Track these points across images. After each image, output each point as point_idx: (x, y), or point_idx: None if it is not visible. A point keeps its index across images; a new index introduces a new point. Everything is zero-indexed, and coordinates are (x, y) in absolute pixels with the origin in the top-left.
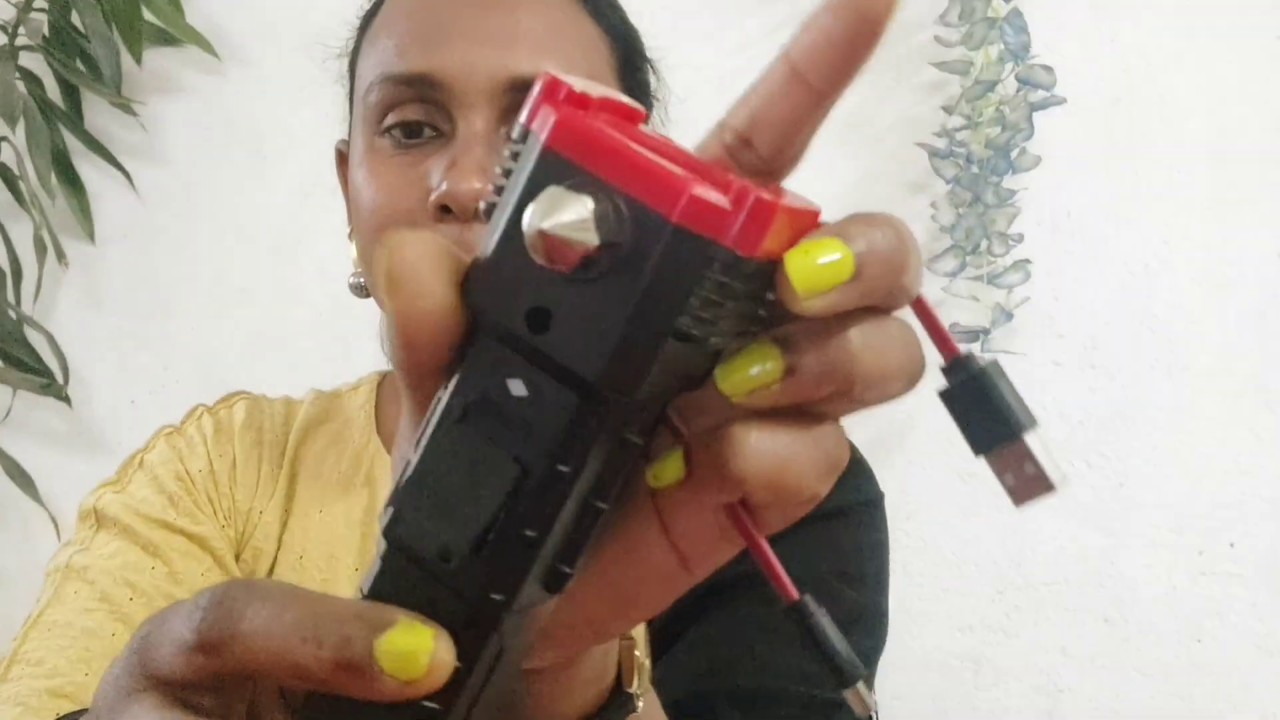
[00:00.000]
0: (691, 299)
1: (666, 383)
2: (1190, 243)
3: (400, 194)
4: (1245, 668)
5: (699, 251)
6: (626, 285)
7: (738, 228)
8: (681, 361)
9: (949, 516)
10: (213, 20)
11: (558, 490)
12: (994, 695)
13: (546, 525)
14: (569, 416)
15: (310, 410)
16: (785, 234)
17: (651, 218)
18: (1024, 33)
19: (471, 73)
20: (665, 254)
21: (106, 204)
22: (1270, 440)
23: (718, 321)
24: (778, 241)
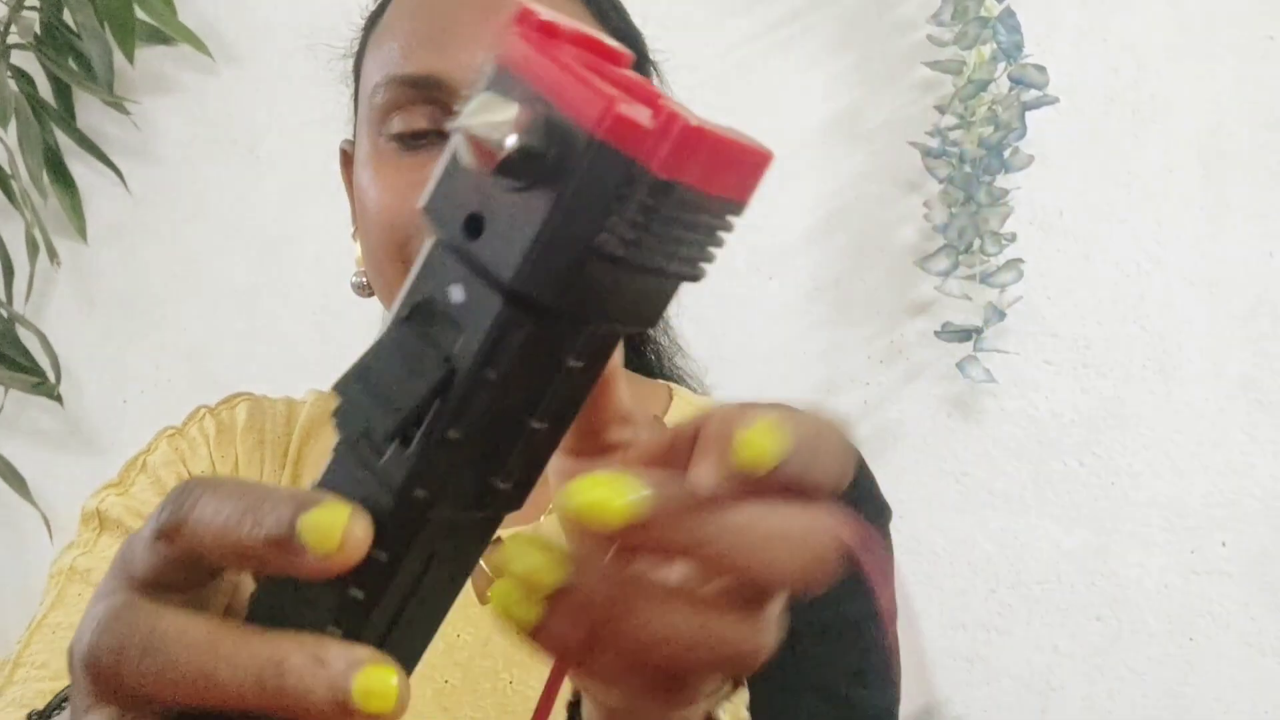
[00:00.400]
0: (612, 216)
1: (602, 307)
2: (1182, 242)
3: (405, 195)
4: (1237, 666)
5: (619, 168)
6: (547, 195)
7: (661, 149)
8: (614, 285)
9: (942, 516)
10: (206, 19)
11: (482, 395)
12: (987, 693)
13: (469, 428)
14: (493, 321)
15: (312, 411)
16: (716, 165)
17: (576, 131)
18: (1017, 32)
19: (477, 74)
20: (586, 167)
21: (99, 203)
22: (1262, 439)
23: (642, 244)
24: (705, 171)
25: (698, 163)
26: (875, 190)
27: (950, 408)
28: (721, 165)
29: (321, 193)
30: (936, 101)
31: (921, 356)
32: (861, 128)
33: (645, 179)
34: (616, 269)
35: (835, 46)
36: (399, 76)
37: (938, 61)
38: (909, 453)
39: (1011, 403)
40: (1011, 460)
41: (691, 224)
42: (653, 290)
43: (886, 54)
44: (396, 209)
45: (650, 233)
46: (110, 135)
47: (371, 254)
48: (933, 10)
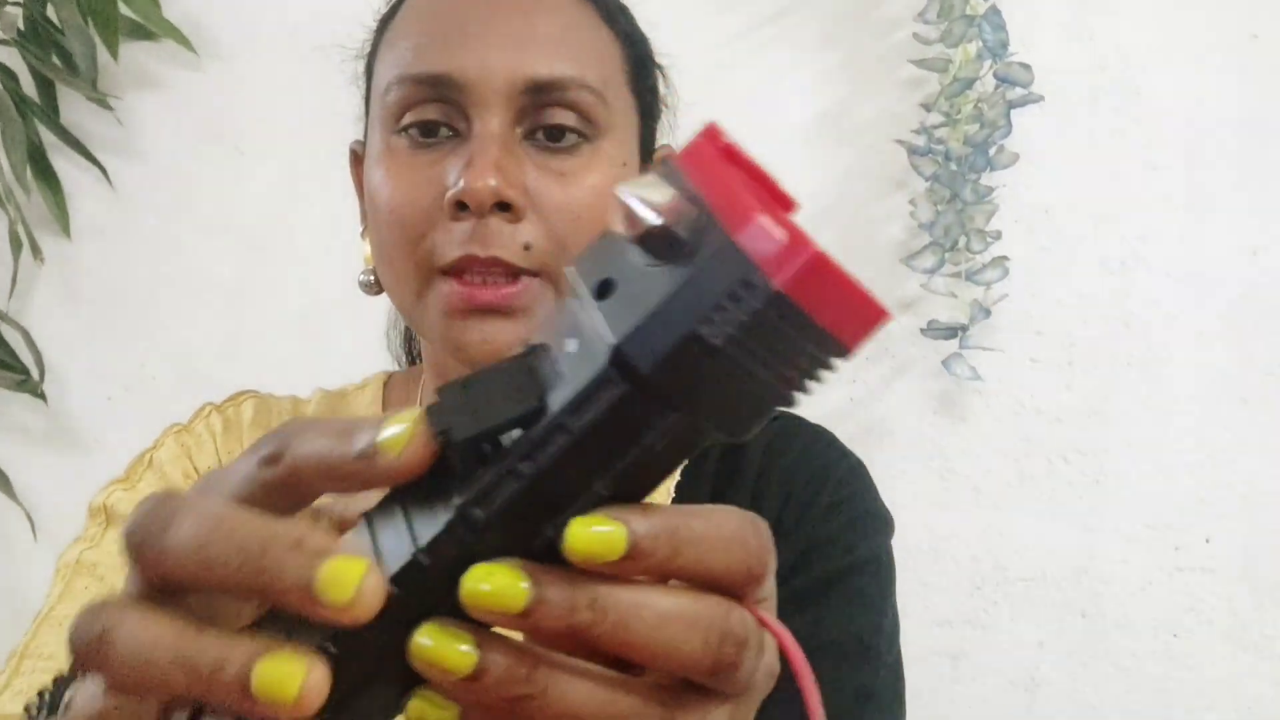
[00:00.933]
0: (723, 309)
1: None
2: (1167, 240)
3: (417, 192)
4: (1221, 662)
5: (741, 268)
6: (673, 275)
7: (785, 265)
8: (709, 377)
9: (926, 512)
10: (190, 15)
11: (559, 439)
12: (972, 689)
13: (539, 467)
14: (592, 374)
15: (317, 409)
16: (833, 299)
17: (715, 229)
18: (1002, 30)
19: (489, 74)
20: (713, 259)
21: (82, 200)
22: (1246, 436)
23: (743, 345)
24: (821, 301)
25: (815, 290)
26: (861, 188)
27: (936, 405)
28: (837, 302)
29: (307, 189)
30: (922, 99)
31: (907, 354)
32: (847, 125)
33: (762, 285)
34: (714, 362)
35: (821, 44)
36: (412, 75)
37: (923, 59)
38: (894, 450)
39: (997, 400)
40: (996, 457)
41: (794, 345)
42: (744, 399)
43: (872, 52)
44: (409, 205)
45: (752, 336)
46: (94, 131)
47: (383, 251)
48: (918, 8)
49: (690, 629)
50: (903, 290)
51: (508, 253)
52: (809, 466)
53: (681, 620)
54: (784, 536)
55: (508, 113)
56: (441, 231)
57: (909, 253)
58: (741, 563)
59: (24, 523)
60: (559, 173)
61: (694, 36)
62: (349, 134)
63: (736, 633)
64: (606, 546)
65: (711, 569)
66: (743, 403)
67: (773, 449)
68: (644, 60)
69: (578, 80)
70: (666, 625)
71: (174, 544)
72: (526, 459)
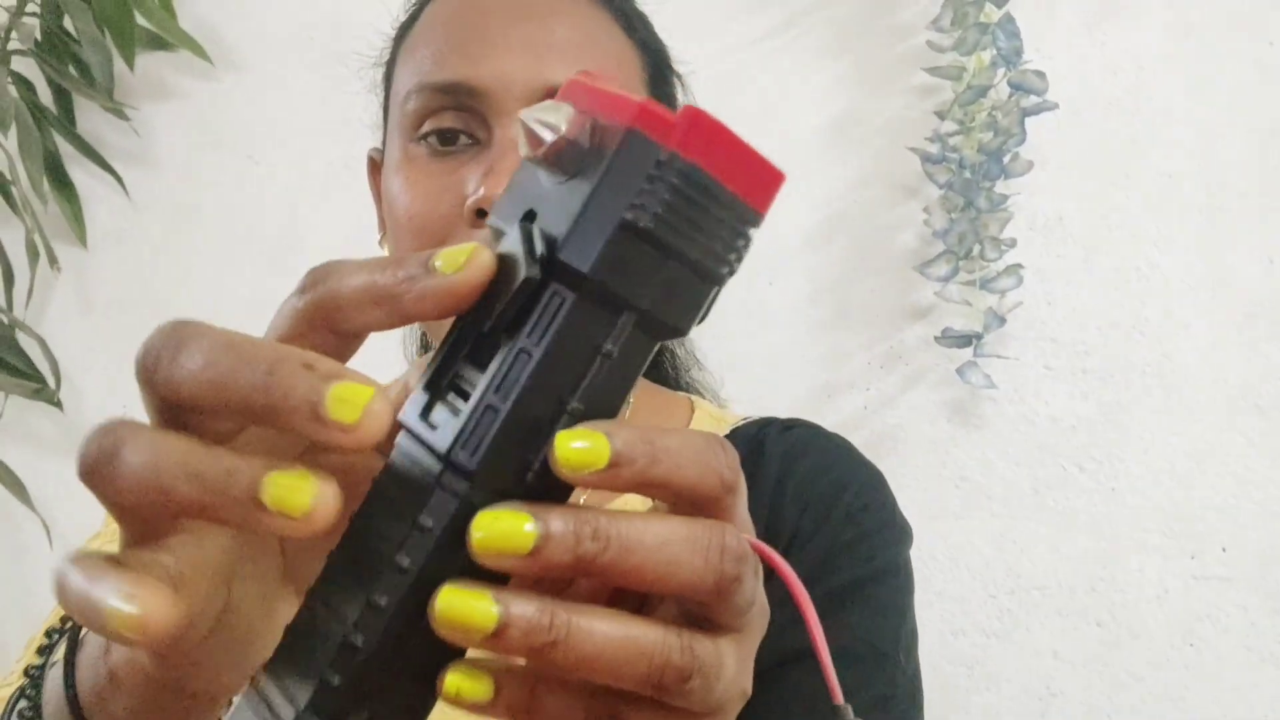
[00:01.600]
0: (642, 192)
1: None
2: (1181, 248)
3: (436, 199)
4: (1237, 672)
5: (647, 151)
6: (588, 180)
7: (681, 133)
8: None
9: (941, 521)
10: (205, 24)
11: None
12: (986, 699)
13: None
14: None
15: None
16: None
17: (613, 126)
18: (1016, 38)
19: (509, 82)
20: (618, 153)
21: (98, 208)
22: (1262, 444)
23: (669, 223)
24: (723, 164)
25: (715, 153)
26: (875, 195)
27: (950, 413)
28: (737, 164)
29: (322, 198)
30: (936, 107)
31: (921, 362)
32: (861, 133)
33: (671, 161)
34: (647, 247)
35: (834, 51)
36: (431, 83)
37: (937, 67)
38: (908, 458)
39: (1011, 408)
40: (1011, 466)
41: (713, 215)
42: (683, 283)
43: (886, 59)
44: (429, 212)
45: (675, 212)
46: (110, 141)
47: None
48: (932, 16)
49: (690, 546)
50: (916, 298)
51: None
52: (827, 475)
53: (681, 540)
54: (802, 545)
55: None
56: (461, 238)
57: (923, 260)
58: (715, 473)
59: (40, 531)
60: None
61: (706, 43)
62: (363, 143)
63: (734, 548)
64: (592, 455)
65: (687, 478)
66: (682, 287)
67: (790, 457)
68: (662, 68)
69: None
70: (667, 546)
71: (185, 364)
72: (498, 393)
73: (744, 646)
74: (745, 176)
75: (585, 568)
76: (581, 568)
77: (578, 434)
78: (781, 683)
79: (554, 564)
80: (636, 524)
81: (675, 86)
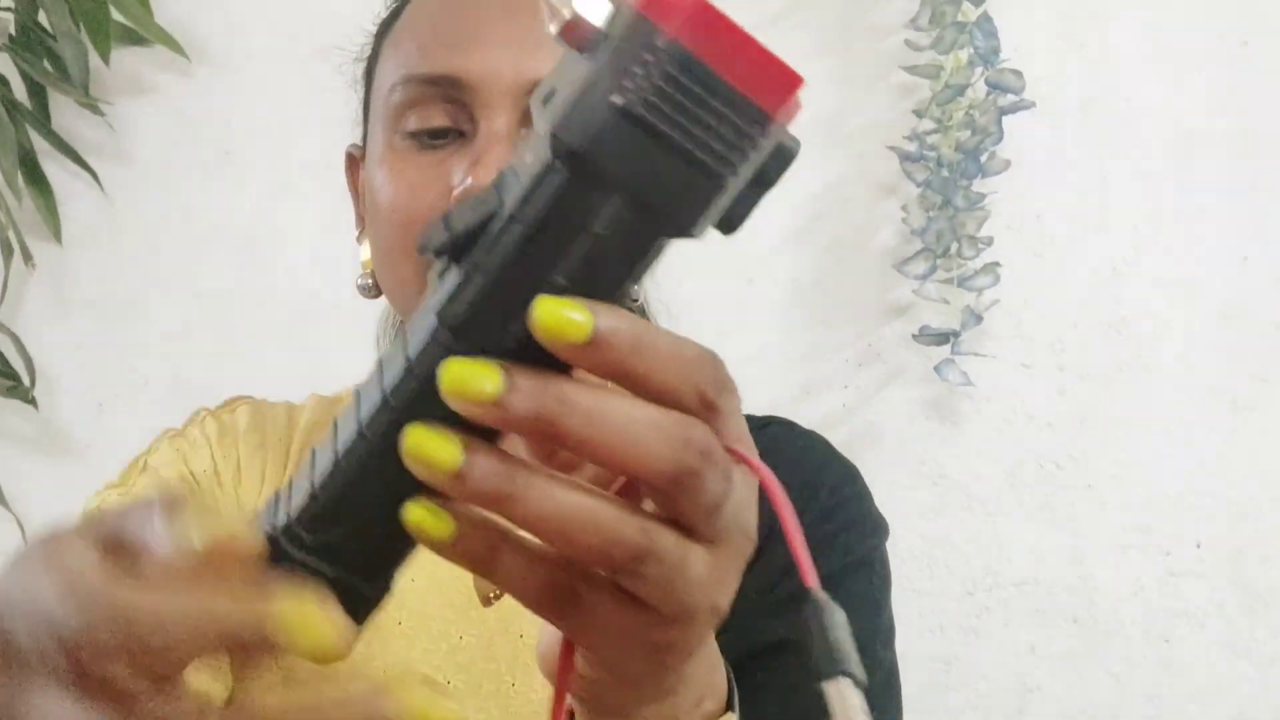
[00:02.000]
0: (636, 75)
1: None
2: (1157, 246)
3: (422, 191)
4: (1213, 667)
5: (647, 34)
6: (593, 59)
7: (680, 19)
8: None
9: (918, 518)
10: (182, 20)
11: (514, 230)
12: (964, 695)
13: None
14: (538, 169)
15: (312, 415)
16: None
17: (626, 10)
18: (994, 37)
19: (495, 75)
20: (622, 34)
21: (74, 205)
22: (1237, 442)
23: (661, 110)
24: (726, 57)
25: (718, 44)
26: (853, 194)
27: (928, 410)
28: (743, 59)
29: (299, 195)
30: (914, 106)
31: (899, 359)
32: (839, 132)
33: (664, 44)
34: (636, 131)
35: (813, 51)
36: (417, 75)
37: (915, 66)
38: (886, 455)
39: (988, 406)
40: (988, 463)
41: (707, 106)
42: (677, 175)
43: (864, 59)
44: (414, 204)
45: (664, 98)
46: (85, 137)
47: (385, 252)
48: (910, 15)
49: (654, 431)
50: (894, 296)
51: None
52: (803, 471)
53: (645, 423)
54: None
55: (513, 113)
56: None
57: (901, 258)
58: (694, 384)
59: (14, 530)
60: None
61: None
62: (341, 139)
63: (699, 441)
64: (572, 326)
65: (666, 380)
66: (677, 180)
67: (766, 454)
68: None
69: None
70: (631, 426)
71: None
72: (488, 253)
73: (717, 558)
74: (752, 74)
75: (547, 428)
76: (543, 428)
77: (562, 301)
78: (761, 673)
79: (516, 417)
80: (603, 398)
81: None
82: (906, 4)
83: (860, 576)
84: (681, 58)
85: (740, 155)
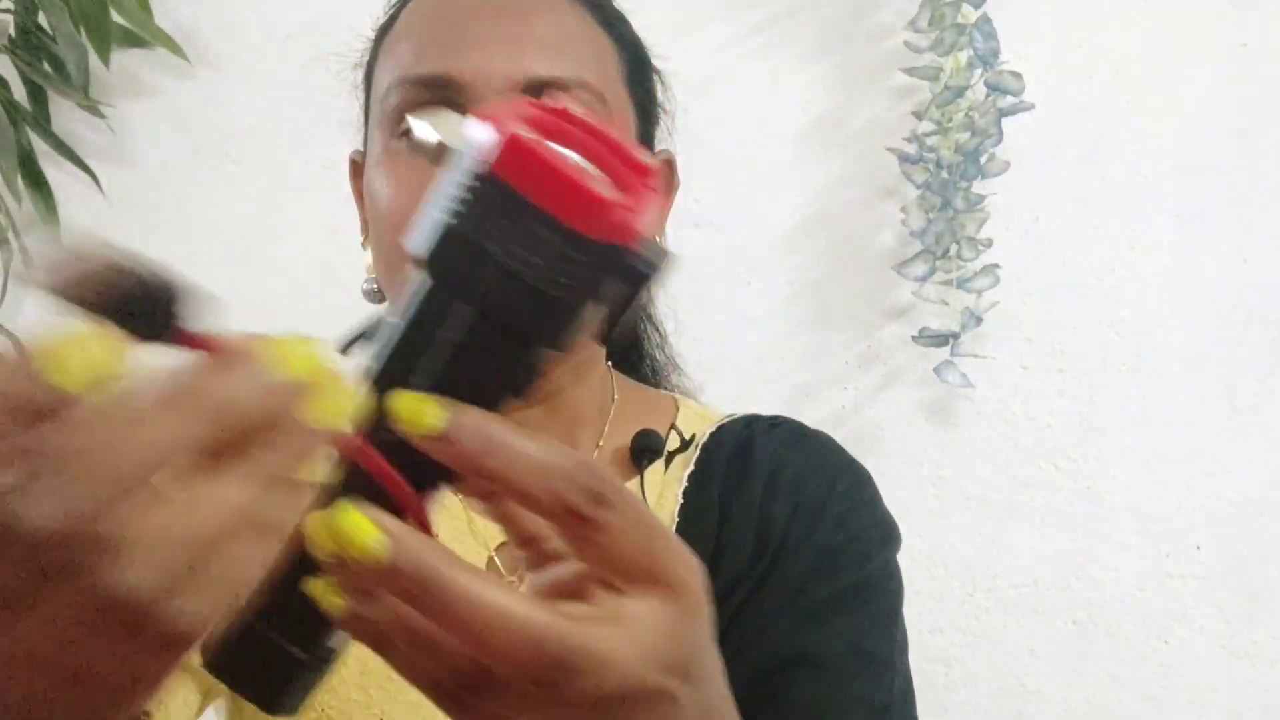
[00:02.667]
0: (454, 192)
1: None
2: (1157, 248)
3: (419, 193)
4: (1211, 669)
5: (473, 163)
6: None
7: (500, 152)
8: (467, 262)
9: (918, 519)
10: (182, 22)
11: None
12: (964, 696)
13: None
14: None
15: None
16: (553, 186)
17: (465, 141)
18: (993, 39)
19: (489, 75)
20: (458, 161)
21: (73, 206)
22: (1235, 443)
23: (473, 222)
24: (542, 186)
25: (531, 174)
26: (853, 196)
27: (927, 412)
28: (552, 185)
29: (298, 198)
30: (914, 108)
31: (899, 361)
32: (839, 134)
33: (486, 174)
34: (470, 252)
35: (813, 52)
36: (411, 77)
37: (915, 68)
38: (886, 457)
39: (988, 407)
40: (987, 464)
41: (531, 234)
42: (515, 294)
43: (864, 60)
44: (410, 207)
45: (481, 215)
46: (85, 139)
47: (385, 255)
48: (910, 17)
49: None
50: (894, 298)
51: None
52: (816, 475)
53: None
54: (795, 549)
55: None
56: None
57: (900, 260)
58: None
59: None
60: None
61: (686, 44)
62: (340, 142)
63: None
64: (420, 417)
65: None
66: (514, 297)
67: (779, 456)
68: (641, 64)
69: (576, 80)
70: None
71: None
72: (375, 352)
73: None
74: (572, 202)
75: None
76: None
77: (422, 397)
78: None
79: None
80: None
81: (655, 84)
82: (906, 6)
83: (877, 588)
84: (496, 185)
85: (563, 272)
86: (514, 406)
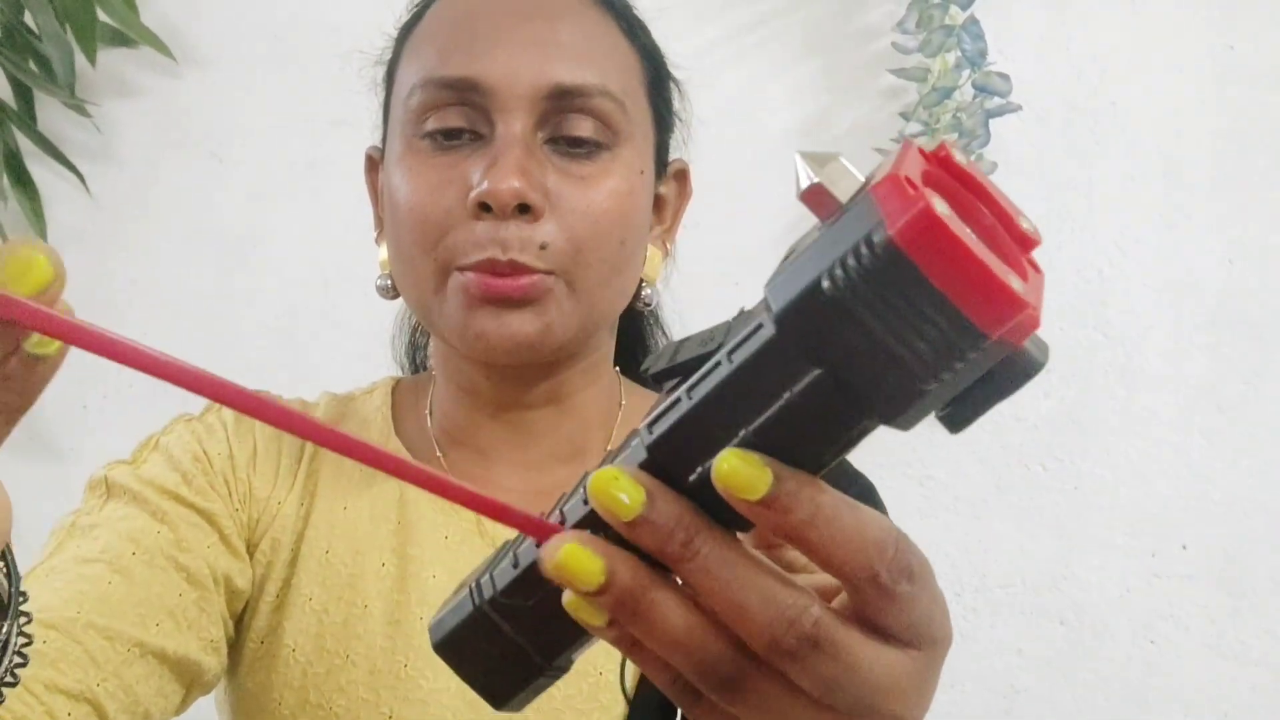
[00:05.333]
0: (844, 257)
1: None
2: (1143, 249)
3: (440, 192)
4: (1198, 669)
5: (868, 219)
6: (823, 231)
7: (903, 219)
8: (835, 331)
9: (905, 520)
10: (168, 21)
11: (717, 370)
12: (952, 696)
13: (697, 394)
14: (759, 320)
15: (326, 412)
16: (955, 268)
17: (865, 190)
18: (981, 40)
19: (514, 79)
20: (850, 215)
21: (59, 206)
22: (1221, 443)
23: (858, 293)
24: (943, 268)
25: (938, 254)
26: None
27: None
28: (962, 273)
29: (285, 196)
30: (901, 108)
31: None
32: (827, 134)
33: (883, 242)
34: (832, 311)
35: (801, 53)
36: (436, 78)
37: (903, 69)
38: (873, 457)
39: None
40: (975, 465)
41: (914, 307)
42: (878, 366)
43: (852, 61)
44: (431, 205)
45: (869, 288)
46: (71, 138)
47: (403, 251)
48: (898, 18)
49: (762, 603)
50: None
51: (527, 256)
52: None
53: (757, 593)
54: None
55: (531, 117)
56: (463, 231)
57: None
58: (869, 566)
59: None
60: (579, 177)
61: (674, 45)
62: (327, 141)
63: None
64: (749, 482)
65: (838, 556)
66: (878, 372)
67: None
68: (661, 73)
69: (600, 88)
70: (740, 591)
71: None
72: (693, 388)
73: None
74: (969, 285)
75: (674, 558)
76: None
77: (746, 456)
78: None
79: (643, 539)
80: (724, 556)
81: (673, 93)
82: (894, 7)
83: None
84: (896, 259)
85: (946, 363)
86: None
